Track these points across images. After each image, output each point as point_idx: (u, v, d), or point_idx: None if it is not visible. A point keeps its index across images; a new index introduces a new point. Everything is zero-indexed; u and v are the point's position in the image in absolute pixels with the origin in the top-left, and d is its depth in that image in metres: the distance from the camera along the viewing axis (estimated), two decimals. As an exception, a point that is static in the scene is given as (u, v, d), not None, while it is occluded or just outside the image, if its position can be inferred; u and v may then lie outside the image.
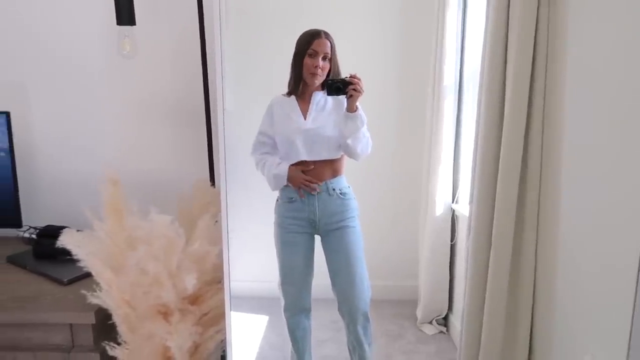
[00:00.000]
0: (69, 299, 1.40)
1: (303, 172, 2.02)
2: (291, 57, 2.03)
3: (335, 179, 2.03)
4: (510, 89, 1.63)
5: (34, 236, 1.73)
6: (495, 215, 1.73)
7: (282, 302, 2.16)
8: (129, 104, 1.83)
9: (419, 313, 2.90)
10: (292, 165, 2.05)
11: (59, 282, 1.50)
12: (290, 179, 2.03)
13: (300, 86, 2.02)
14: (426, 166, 2.83)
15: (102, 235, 1.37)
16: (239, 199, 3.16)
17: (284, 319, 2.19)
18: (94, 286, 1.34)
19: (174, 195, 1.69)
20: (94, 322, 1.32)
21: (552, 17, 1.56)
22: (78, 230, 1.43)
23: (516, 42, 1.59)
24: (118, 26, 1.65)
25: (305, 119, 2.02)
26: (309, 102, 2.04)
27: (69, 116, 1.87)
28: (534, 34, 1.58)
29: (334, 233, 2.04)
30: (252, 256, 3.19)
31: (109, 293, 1.29)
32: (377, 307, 2.99)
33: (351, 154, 2.01)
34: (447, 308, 2.87)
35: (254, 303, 3.10)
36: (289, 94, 2.06)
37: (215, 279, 1.50)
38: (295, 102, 2.05)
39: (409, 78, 3.00)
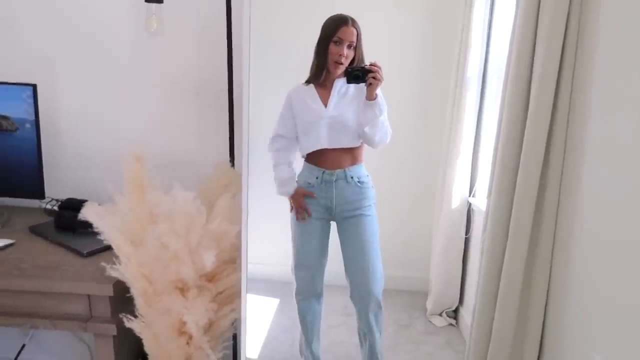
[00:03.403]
0: (88, 271, 1.43)
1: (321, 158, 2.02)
2: (312, 43, 2.01)
3: (354, 166, 2.03)
4: (537, 84, 1.61)
5: (55, 208, 1.76)
6: (513, 211, 1.72)
7: (295, 286, 2.17)
8: (154, 82, 1.84)
9: (429, 304, 2.91)
10: (309, 163, 2.08)
11: (79, 253, 1.53)
12: (293, 196, 2.10)
13: (323, 74, 2.00)
14: (444, 158, 2.82)
15: (124, 209, 1.39)
16: (256, 183, 3.19)
17: (295, 303, 2.20)
18: (114, 259, 1.37)
19: (195, 175, 1.70)
20: (111, 294, 1.35)
21: (583, 14, 1.54)
22: (99, 204, 1.46)
23: (545, 38, 1.57)
24: (146, 3, 1.66)
25: (326, 106, 2.01)
26: (330, 90, 2.03)
27: (94, 92, 1.89)
28: (563, 30, 1.56)
29: (350, 220, 2.04)
30: (266, 240, 3.23)
31: (127, 266, 1.31)
32: (389, 296, 3.01)
33: (369, 142, 2.00)
34: (457, 301, 2.88)
35: (266, 286, 3.14)
36: (308, 81, 2.04)
37: (232, 259, 1.52)
38: (314, 90, 2.03)
39: (432, 68, 2.98)
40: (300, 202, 2.06)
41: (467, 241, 2.83)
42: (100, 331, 1.39)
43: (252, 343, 2.52)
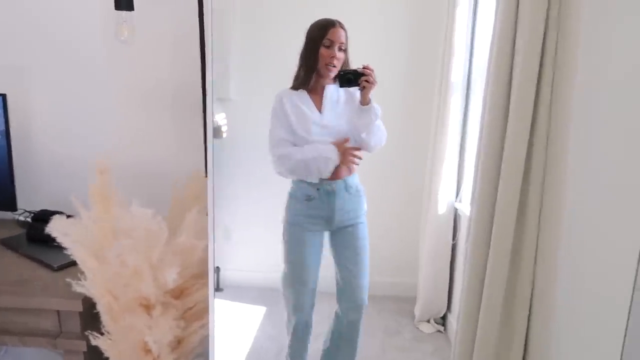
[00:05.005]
0: (58, 285, 1.40)
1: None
2: (298, 47, 1.96)
3: (352, 176, 2.00)
4: (516, 89, 1.59)
5: (29, 219, 1.72)
6: (495, 216, 1.70)
7: (290, 303, 2.11)
8: (128, 91, 1.81)
9: (417, 311, 2.88)
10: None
11: (50, 267, 1.49)
12: (341, 157, 1.91)
13: (313, 79, 1.94)
14: (430, 163, 2.80)
15: (88, 223, 1.35)
16: (241, 189, 3.16)
17: (288, 318, 2.15)
18: (78, 274, 1.33)
19: (170, 184, 1.67)
20: (81, 309, 1.31)
21: (562, 16, 1.52)
22: (69, 217, 1.42)
23: (524, 43, 1.55)
24: (116, 11, 1.63)
25: (320, 113, 1.96)
26: (321, 96, 1.97)
27: (66, 101, 1.86)
28: (542, 34, 1.54)
29: (347, 229, 2.03)
30: (254, 246, 3.19)
31: (93, 282, 1.28)
32: (375, 302, 2.98)
33: (365, 147, 1.96)
34: (445, 307, 2.85)
35: (253, 293, 3.10)
36: (297, 87, 1.97)
37: (201, 273, 1.48)
38: (307, 96, 1.96)
39: (416, 72, 2.95)
40: (349, 153, 1.92)
41: (454, 247, 2.80)
42: (70, 347, 1.36)
43: (237, 352, 2.47)
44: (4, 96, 1.67)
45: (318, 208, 1.99)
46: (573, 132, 1.46)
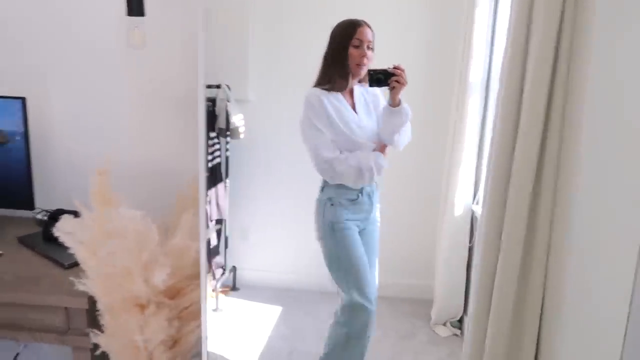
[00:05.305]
0: (67, 283, 1.43)
1: None
2: (316, 48, 1.94)
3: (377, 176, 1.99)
4: (529, 90, 1.57)
5: (45, 218, 1.77)
6: (506, 218, 1.67)
7: (361, 291, 1.90)
8: (141, 95, 1.85)
9: (433, 314, 2.86)
10: None
11: (61, 265, 1.53)
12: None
13: (349, 79, 1.90)
14: (447, 165, 2.77)
15: (89, 223, 1.39)
16: (260, 190, 3.19)
17: (352, 312, 1.91)
18: (80, 273, 1.37)
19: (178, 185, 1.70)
20: (87, 307, 1.35)
21: (577, 18, 1.49)
22: (77, 216, 1.46)
23: (537, 44, 1.53)
24: (128, 17, 1.66)
25: (356, 114, 1.94)
26: (352, 97, 1.96)
27: (84, 104, 1.91)
28: (556, 33, 1.51)
29: (371, 227, 2.07)
30: (271, 247, 3.22)
31: (93, 281, 1.31)
32: (391, 304, 2.97)
33: (396, 146, 1.98)
34: (462, 311, 2.81)
35: (269, 293, 3.13)
36: (330, 89, 1.89)
37: (197, 273, 1.49)
38: (342, 97, 1.92)
39: (435, 73, 2.93)
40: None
41: (471, 249, 2.77)
42: (77, 344, 1.39)
43: (250, 351, 2.50)
44: (23, 99, 1.73)
45: (361, 208, 1.98)
46: (586, 134, 1.43)
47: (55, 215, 1.74)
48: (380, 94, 2.05)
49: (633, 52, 1.22)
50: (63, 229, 1.38)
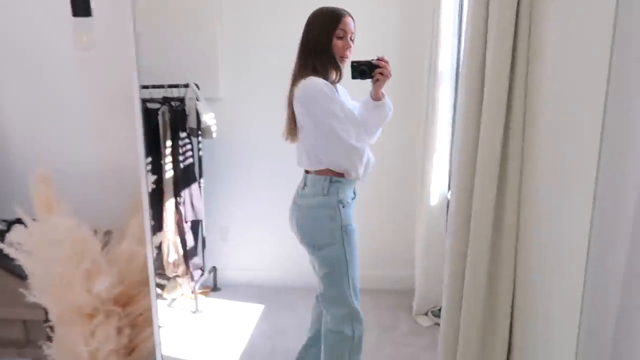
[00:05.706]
0: (25, 295, 1.40)
1: None
2: (287, 42, 1.89)
3: None
4: (489, 83, 1.58)
5: (4, 228, 1.73)
6: (473, 208, 1.67)
7: (359, 314, 1.85)
8: (96, 97, 1.81)
9: (415, 304, 2.86)
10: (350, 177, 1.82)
11: (20, 277, 1.50)
12: None
13: (342, 71, 1.75)
14: (421, 154, 2.76)
15: (34, 232, 1.36)
16: (237, 189, 3.16)
17: (352, 324, 1.84)
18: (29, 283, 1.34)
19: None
20: (44, 318, 1.32)
21: (533, 14, 1.49)
22: (25, 227, 1.43)
23: (494, 38, 1.53)
24: (74, 17, 1.62)
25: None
26: (336, 89, 1.79)
27: (40, 108, 1.87)
28: (513, 29, 1.52)
29: None
30: (254, 245, 3.20)
31: (43, 292, 1.28)
32: (373, 296, 2.97)
33: (371, 140, 1.91)
34: (442, 299, 2.81)
35: (251, 291, 3.12)
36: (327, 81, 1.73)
37: (147, 280, 1.45)
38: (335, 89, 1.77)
39: (405, 63, 2.91)
40: None
41: (448, 238, 2.77)
42: (37, 356, 1.37)
43: (231, 352, 2.48)
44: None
45: (352, 207, 1.87)
46: (545, 124, 1.43)
47: (11, 225, 1.71)
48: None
49: (583, 43, 1.22)
50: (15, 240, 1.35)
